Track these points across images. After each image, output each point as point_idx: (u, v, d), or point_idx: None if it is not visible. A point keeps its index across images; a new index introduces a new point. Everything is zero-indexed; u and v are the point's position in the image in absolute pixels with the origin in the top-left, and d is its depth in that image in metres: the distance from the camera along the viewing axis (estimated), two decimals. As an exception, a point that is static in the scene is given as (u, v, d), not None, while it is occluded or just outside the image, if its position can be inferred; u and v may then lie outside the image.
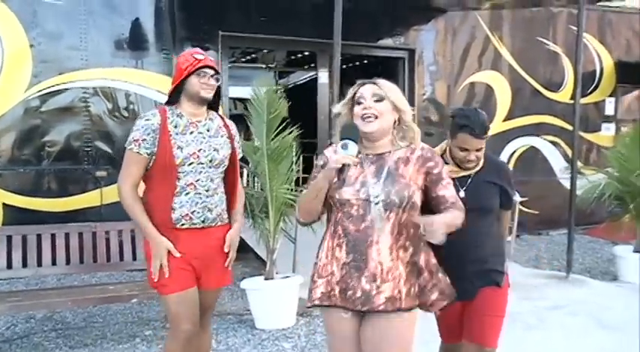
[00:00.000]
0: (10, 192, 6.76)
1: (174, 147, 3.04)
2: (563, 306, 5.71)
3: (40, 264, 4.94)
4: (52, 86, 6.92)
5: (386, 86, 2.63)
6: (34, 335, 5.01)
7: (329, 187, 2.56)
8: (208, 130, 3.18)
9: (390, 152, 2.61)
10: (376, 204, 2.50)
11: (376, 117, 2.55)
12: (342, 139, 2.51)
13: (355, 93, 2.64)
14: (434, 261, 2.62)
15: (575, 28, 9.80)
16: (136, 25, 7.41)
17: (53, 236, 5.02)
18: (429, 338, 3.30)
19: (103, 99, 7.23)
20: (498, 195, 3.07)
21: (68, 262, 5.02)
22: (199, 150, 3.10)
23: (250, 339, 4.86)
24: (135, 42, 7.39)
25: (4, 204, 6.71)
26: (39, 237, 4.98)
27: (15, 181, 6.84)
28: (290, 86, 11.40)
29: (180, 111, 3.13)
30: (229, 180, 3.28)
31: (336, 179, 2.52)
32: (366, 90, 2.60)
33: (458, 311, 2.99)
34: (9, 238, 4.89)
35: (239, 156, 3.36)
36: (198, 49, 3.25)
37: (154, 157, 3.03)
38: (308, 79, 11.16)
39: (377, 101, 2.57)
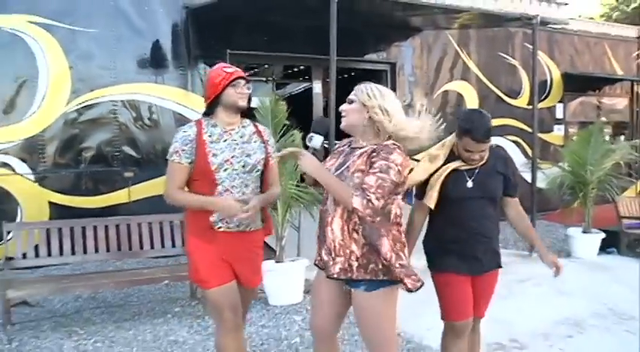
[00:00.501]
0: (55, 191, 6.90)
1: (210, 154, 2.90)
2: (528, 279, 5.94)
3: (85, 252, 5.11)
4: (87, 100, 7.05)
5: (358, 90, 2.69)
6: (84, 311, 5.16)
7: None
8: (241, 137, 3.02)
9: (361, 147, 2.64)
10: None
11: (344, 116, 2.71)
12: (310, 132, 2.72)
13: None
14: (398, 248, 2.59)
15: (529, 46, 10.16)
16: (157, 46, 7.52)
17: (95, 228, 5.18)
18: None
19: (130, 111, 7.36)
20: (502, 184, 3.03)
21: (108, 250, 5.19)
22: (232, 157, 2.94)
23: (265, 314, 5.01)
24: (156, 60, 7.51)
25: (49, 201, 6.85)
26: (83, 228, 5.14)
27: (58, 182, 6.97)
28: (286, 96, 11.53)
29: (215, 121, 2.99)
30: (266, 183, 3.10)
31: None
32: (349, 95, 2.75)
33: (468, 284, 3.01)
34: (59, 230, 5.05)
35: (272, 161, 3.11)
36: (224, 64, 3.10)
37: (193, 165, 2.92)
38: (302, 89, 11.30)
39: (348, 102, 2.71)
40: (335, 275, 2.61)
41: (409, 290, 2.57)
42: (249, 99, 3.05)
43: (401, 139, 2.65)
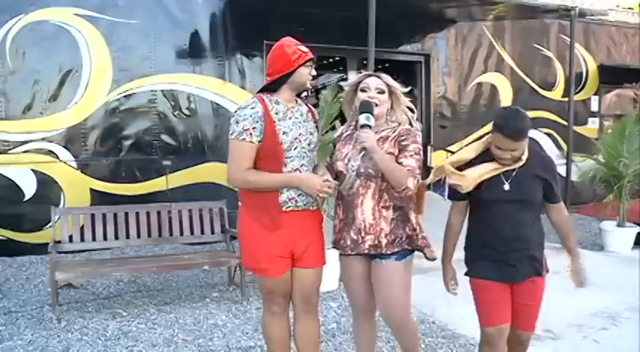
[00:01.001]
0: (96, 178, 7.11)
1: (280, 133, 2.78)
2: (561, 272, 5.89)
3: (128, 237, 5.26)
4: (128, 90, 7.24)
5: (388, 79, 2.86)
6: (125, 295, 5.32)
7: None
8: (301, 115, 2.93)
9: (377, 132, 2.79)
10: (353, 171, 2.78)
11: (376, 105, 2.78)
12: (362, 112, 2.75)
13: (360, 82, 2.87)
14: (419, 220, 2.87)
15: (565, 37, 10.04)
16: (195, 36, 7.65)
17: (137, 214, 5.32)
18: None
19: (168, 100, 7.51)
20: (541, 189, 2.85)
21: (149, 235, 5.32)
22: (300, 134, 2.85)
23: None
24: (194, 51, 7.64)
25: (90, 188, 7.05)
26: (126, 214, 5.29)
27: (99, 169, 7.17)
28: (320, 86, 11.58)
29: (277, 98, 2.86)
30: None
31: (336, 152, 2.93)
32: (372, 82, 2.83)
33: (504, 290, 2.87)
34: (104, 215, 5.21)
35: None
36: (293, 40, 2.95)
37: (261, 144, 2.77)
38: (336, 80, 11.34)
39: (379, 92, 2.81)
40: (366, 251, 2.79)
41: (428, 259, 2.87)
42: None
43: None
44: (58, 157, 6.96)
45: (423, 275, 5.99)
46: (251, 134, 2.76)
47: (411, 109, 2.91)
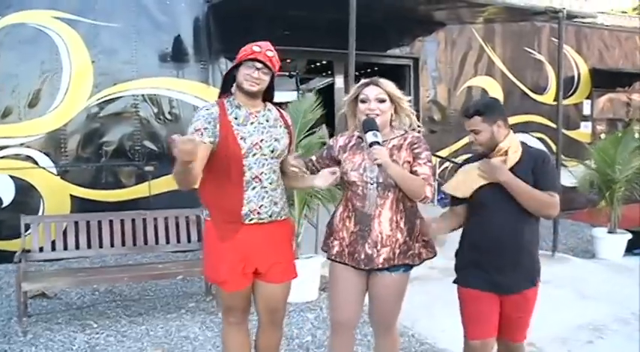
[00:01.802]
0: (76, 185, 6.92)
1: (237, 137, 2.65)
2: (550, 281, 5.65)
3: (101, 246, 5.06)
4: (109, 95, 7.06)
5: (387, 86, 2.75)
6: (99, 304, 5.14)
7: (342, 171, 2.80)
8: (267, 121, 2.79)
9: (387, 141, 2.74)
10: (372, 184, 2.68)
11: (378, 116, 2.71)
12: (367, 130, 2.67)
13: (359, 93, 2.76)
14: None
15: (556, 40, 9.89)
16: (178, 40, 7.49)
17: (111, 222, 5.12)
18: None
19: (150, 105, 7.34)
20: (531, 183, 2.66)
21: (124, 244, 5.13)
22: (261, 141, 2.70)
23: (278, 310, 4.94)
24: (177, 55, 7.48)
25: (71, 195, 6.87)
26: (99, 222, 5.10)
27: (79, 176, 6.98)
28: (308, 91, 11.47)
29: (238, 102, 2.74)
30: (283, 172, 2.90)
31: (345, 162, 2.81)
32: (371, 92, 2.73)
33: (493, 302, 2.73)
34: (76, 224, 5.03)
35: (293, 148, 2.98)
36: (265, 43, 2.79)
37: (215, 147, 2.65)
38: (325, 84, 11.20)
39: (380, 102, 2.71)
40: (379, 266, 2.71)
41: (421, 261, 2.83)
42: (271, 90, 2.81)
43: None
44: (37, 163, 6.78)
45: (405, 285, 5.87)
46: (202, 134, 2.63)
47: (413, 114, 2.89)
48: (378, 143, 2.62)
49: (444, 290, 2.91)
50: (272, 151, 2.76)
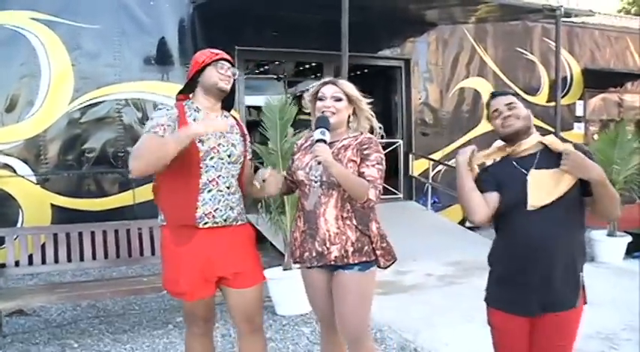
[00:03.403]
0: (57, 193, 6.64)
1: (196, 140, 2.57)
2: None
3: (82, 259, 4.75)
4: (91, 99, 6.80)
5: (344, 86, 2.72)
6: (81, 321, 4.84)
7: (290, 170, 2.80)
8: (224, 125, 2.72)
9: (339, 141, 2.70)
10: (315, 182, 2.61)
11: (334, 114, 2.66)
12: (317, 127, 2.61)
13: (318, 91, 2.73)
14: (382, 229, 2.73)
15: (548, 40, 9.76)
16: (163, 43, 7.24)
17: (93, 233, 4.81)
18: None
19: (134, 110, 7.09)
20: (578, 182, 2.19)
21: (107, 256, 4.82)
22: (219, 145, 2.68)
23: (272, 324, 4.66)
24: (161, 58, 7.23)
25: (52, 204, 6.57)
26: (80, 234, 4.78)
27: (60, 184, 6.71)
28: (298, 94, 11.23)
29: (197, 105, 2.71)
30: (241, 180, 2.84)
31: (295, 161, 2.78)
32: (327, 90, 2.69)
33: (523, 328, 2.32)
34: (55, 236, 4.71)
35: (249, 156, 2.91)
36: (215, 50, 2.78)
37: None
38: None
39: (336, 100, 2.67)
40: (332, 262, 2.63)
41: (379, 266, 2.69)
42: (233, 91, 2.80)
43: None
44: (15, 172, 6.50)
45: (403, 294, 5.61)
46: (165, 129, 2.54)
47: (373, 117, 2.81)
48: (324, 141, 2.55)
49: (444, 299, 2.68)
50: (229, 156, 2.74)
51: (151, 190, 2.81)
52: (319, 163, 2.53)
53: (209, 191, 2.65)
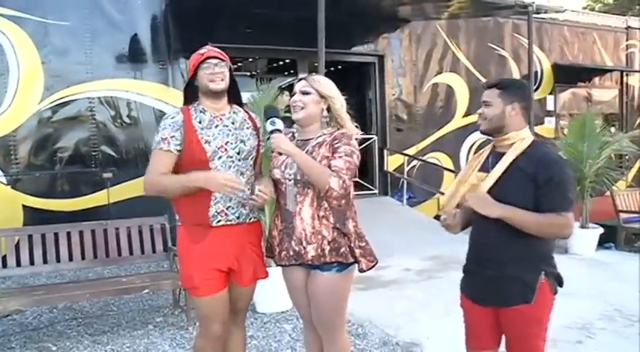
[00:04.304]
0: (29, 194, 6.53)
1: (202, 141, 2.67)
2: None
3: (58, 260, 4.69)
4: (62, 98, 6.70)
5: (315, 81, 2.71)
6: (58, 324, 4.77)
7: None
8: (233, 123, 2.80)
9: (313, 138, 2.69)
10: (290, 181, 2.64)
11: (302, 108, 2.66)
12: (268, 118, 2.63)
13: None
14: (359, 228, 2.71)
15: (519, 36, 9.92)
16: (135, 39, 7.15)
17: (69, 234, 4.75)
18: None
19: (107, 108, 7.00)
20: (530, 191, 2.30)
21: (83, 257, 4.77)
22: (226, 143, 2.72)
23: (253, 322, 4.65)
24: (134, 55, 7.14)
25: (23, 205, 6.46)
26: (56, 235, 4.72)
27: (32, 184, 6.60)
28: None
29: (203, 107, 2.77)
30: (255, 173, 2.89)
31: (272, 160, 2.76)
32: (298, 85, 2.71)
33: (489, 315, 2.47)
34: (30, 237, 4.63)
35: (262, 149, 2.95)
36: (206, 46, 2.81)
37: (182, 154, 2.68)
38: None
39: (304, 93, 2.66)
40: (309, 261, 2.63)
41: (361, 270, 2.68)
42: (233, 82, 2.80)
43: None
44: (-16, 172, 6.35)
45: (383, 289, 5.65)
46: (169, 142, 2.67)
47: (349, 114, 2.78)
48: (278, 130, 2.58)
49: (424, 294, 2.76)
50: (238, 153, 2.76)
51: (124, 189, 2.85)
52: (280, 154, 2.58)
53: None
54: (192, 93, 2.80)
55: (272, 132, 2.58)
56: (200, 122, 2.72)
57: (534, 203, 2.30)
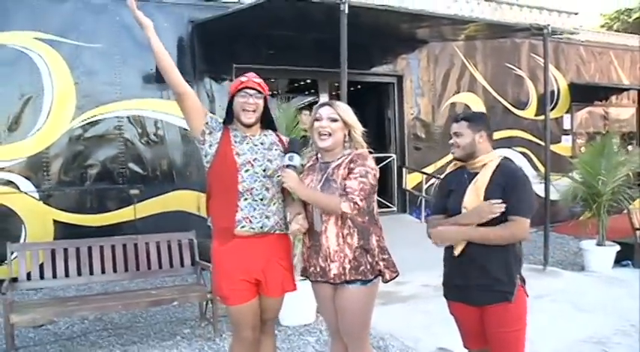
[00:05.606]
0: (59, 209, 6.75)
1: (234, 152, 2.91)
2: (544, 295, 5.70)
3: (91, 273, 4.92)
4: (92, 117, 6.95)
5: (340, 108, 2.89)
6: (90, 334, 4.97)
7: None
8: (262, 143, 3.01)
9: (334, 161, 2.86)
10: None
11: (329, 135, 2.83)
12: (287, 152, 2.87)
13: (316, 113, 2.90)
14: (383, 242, 2.88)
15: (536, 56, 10.07)
16: (162, 61, 7.38)
17: (102, 247, 4.98)
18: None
19: (135, 127, 7.24)
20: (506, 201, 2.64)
21: (115, 270, 5.00)
22: (254, 159, 2.93)
23: (277, 334, 4.72)
24: (161, 75, 7.29)
25: (54, 220, 6.69)
26: (90, 248, 4.95)
27: (62, 200, 6.82)
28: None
29: (237, 128, 3.00)
30: (285, 191, 3.00)
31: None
32: (324, 111, 2.87)
33: (477, 315, 2.79)
34: (65, 250, 4.86)
35: None
36: (249, 73, 3.03)
37: (215, 161, 2.92)
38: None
39: (332, 121, 2.84)
40: (331, 280, 2.82)
41: (385, 281, 2.87)
42: (267, 113, 3.03)
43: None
44: (18, 188, 6.61)
45: (402, 304, 5.80)
46: (211, 117, 3.00)
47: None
48: (294, 166, 2.80)
49: (443, 308, 2.90)
50: (264, 170, 2.94)
51: (150, 206, 3.06)
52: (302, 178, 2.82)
53: (245, 199, 2.91)
54: (229, 116, 3.02)
55: (287, 166, 2.80)
56: (235, 136, 2.96)
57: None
